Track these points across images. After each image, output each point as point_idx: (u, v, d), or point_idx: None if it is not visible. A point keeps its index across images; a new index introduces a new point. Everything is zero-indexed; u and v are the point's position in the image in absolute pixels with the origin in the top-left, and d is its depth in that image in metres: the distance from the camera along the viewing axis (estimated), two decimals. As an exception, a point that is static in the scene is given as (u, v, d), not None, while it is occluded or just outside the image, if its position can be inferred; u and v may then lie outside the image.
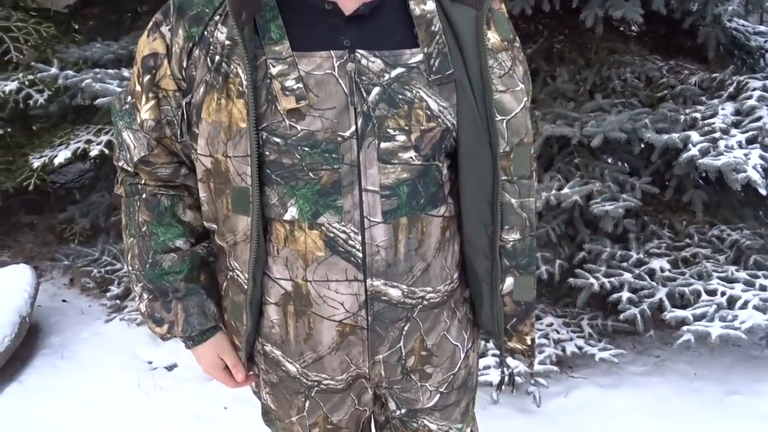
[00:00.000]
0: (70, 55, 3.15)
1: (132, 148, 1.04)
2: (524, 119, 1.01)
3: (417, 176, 0.99)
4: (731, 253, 2.56)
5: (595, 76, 2.86)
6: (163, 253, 1.07)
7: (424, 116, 0.97)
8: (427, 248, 1.03)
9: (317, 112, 0.94)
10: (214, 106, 0.95)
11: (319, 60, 0.94)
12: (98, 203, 3.39)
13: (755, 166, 2.24)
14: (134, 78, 1.03)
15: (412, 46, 0.98)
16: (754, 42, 3.73)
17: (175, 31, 0.97)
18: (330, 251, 0.98)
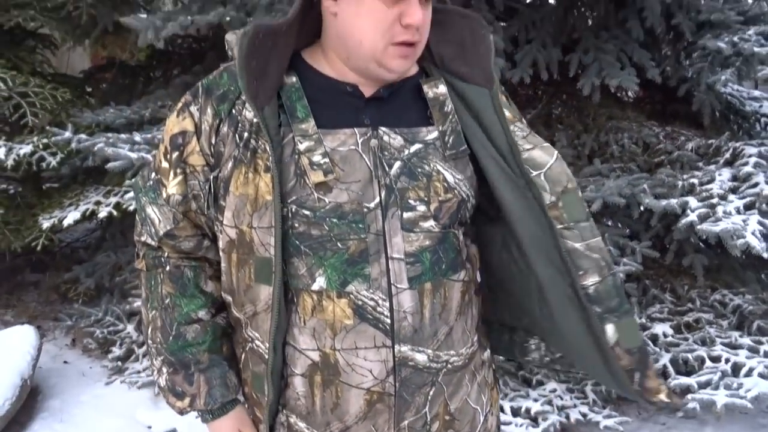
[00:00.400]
0: (84, 119, 3.24)
1: (157, 223, 1.08)
2: (562, 168, 1.04)
3: (438, 243, 1.03)
4: (734, 318, 2.57)
5: (593, 142, 2.93)
6: (187, 325, 1.09)
7: (442, 188, 1.02)
8: (449, 312, 1.05)
9: (343, 185, 0.99)
10: (242, 179, 0.99)
11: (343, 137, 1.00)
12: (104, 263, 3.42)
13: (754, 232, 2.26)
14: (160, 155, 1.07)
15: (427, 125, 1.04)
16: (749, 107, 3.82)
17: (204, 109, 1.02)
18: (359, 319, 1.00)
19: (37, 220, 3.23)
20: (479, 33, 1.07)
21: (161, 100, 3.40)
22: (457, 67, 1.06)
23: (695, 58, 2.83)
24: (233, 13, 2.90)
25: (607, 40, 2.84)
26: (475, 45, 1.06)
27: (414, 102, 1.06)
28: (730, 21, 2.86)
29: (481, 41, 1.07)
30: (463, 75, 1.05)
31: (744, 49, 2.59)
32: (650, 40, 3.04)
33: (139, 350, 2.99)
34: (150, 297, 1.11)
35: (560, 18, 2.95)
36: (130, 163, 2.71)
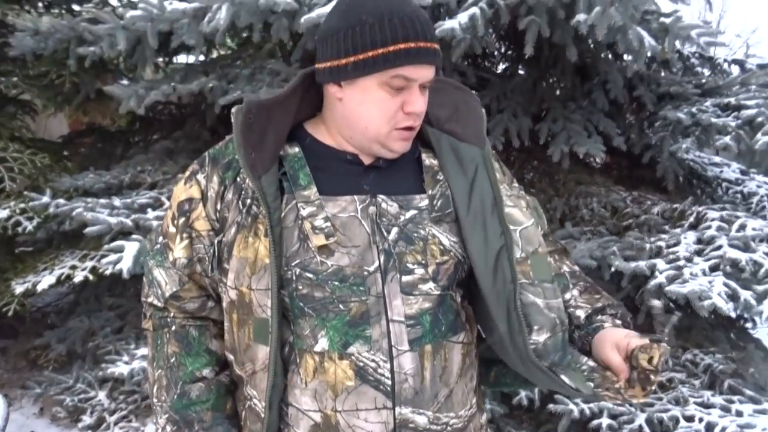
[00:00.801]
0: (62, 184, 3.26)
1: (163, 285, 1.12)
2: (535, 232, 1.11)
3: (437, 305, 1.07)
4: (705, 377, 2.62)
5: (564, 206, 3.03)
6: (191, 383, 1.12)
7: (438, 251, 1.07)
8: (450, 374, 1.08)
9: (344, 249, 1.04)
10: (243, 243, 1.04)
11: (344, 203, 1.06)
12: (76, 328, 3.37)
13: (720, 293, 2.34)
14: (167, 221, 1.13)
15: (421, 192, 1.11)
16: (711, 172, 4.00)
17: (210, 177, 1.09)
18: (360, 380, 1.03)
19: (9, 285, 3.18)
20: (471, 104, 1.16)
21: (141, 165, 3.44)
22: (451, 127, 1.13)
23: (657, 127, 2.98)
24: (215, 82, 3.00)
25: (575, 110, 2.98)
26: (468, 112, 1.15)
27: (410, 168, 1.13)
28: (688, 93, 3.04)
29: (473, 111, 1.15)
30: (458, 134, 1.13)
31: (702, 119, 2.75)
32: (615, 110, 3.20)
33: (111, 418, 2.92)
34: (156, 356, 1.15)
35: (530, 89, 3.10)
36: (108, 227, 2.72)
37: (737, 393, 2.54)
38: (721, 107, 2.86)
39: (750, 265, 2.43)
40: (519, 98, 3.01)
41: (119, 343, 3.07)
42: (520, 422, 2.76)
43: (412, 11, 1.03)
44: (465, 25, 2.14)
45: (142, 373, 2.67)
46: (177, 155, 3.57)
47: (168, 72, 3.75)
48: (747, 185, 4.00)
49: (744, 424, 2.28)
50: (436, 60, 1.04)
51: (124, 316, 3.37)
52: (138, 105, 3.03)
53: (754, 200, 3.89)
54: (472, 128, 1.14)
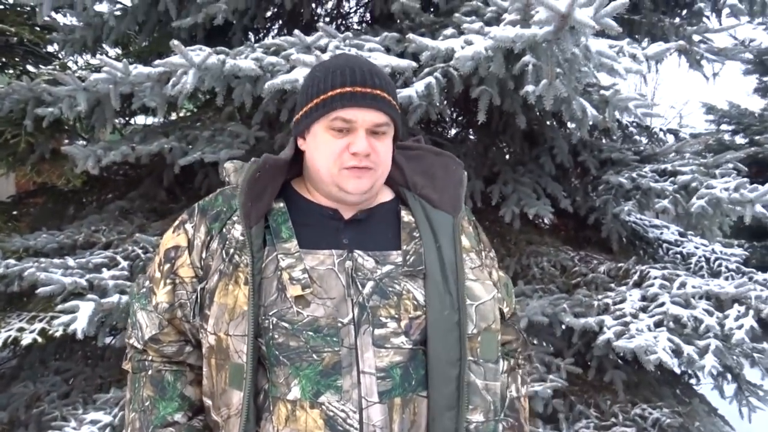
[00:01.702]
0: (12, 244, 3.20)
1: (144, 327, 1.16)
2: (492, 308, 1.16)
3: (408, 360, 1.11)
4: (654, 431, 2.69)
5: (516, 264, 3.14)
6: (162, 428, 1.13)
7: (412, 306, 1.12)
8: (418, 427, 1.11)
9: (320, 300, 1.09)
10: (224, 290, 1.09)
11: (322, 257, 1.11)
12: (20, 394, 3.23)
13: (665, 348, 2.45)
14: (154, 266, 1.18)
15: (397, 248, 1.17)
16: (652, 234, 4.22)
17: (198, 227, 1.15)
18: (329, 430, 1.05)
19: (-50, 349, 3.06)
20: (451, 168, 1.24)
21: (95, 225, 3.41)
22: (427, 193, 1.21)
23: (600, 190, 3.16)
24: (175, 144, 3.04)
25: (524, 174, 3.14)
26: (447, 177, 1.23)
27: (389, 225, 1.19)
28: (628, 159, 3.25)
29: (453, 175, 1.23)
30: (432, 201, 1.20)
31: (642, 183, 2.93)
32: (561, 174, 3.38)
33: (56, 489, 2.78)
34: (133, 399, 1.17)
35: (481, 153, 3.26)
36: (62, 287, 2.67)
37: (685, 446, 2.62)
38: (658, 173, 3.05)
39: (691, 321, 2.56)
40: (471, 162, 3.15)
41: (66, 409, 2.96)
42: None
43: (360, 64, 1.13)
44: (421, 93, 2.27)
45: (91, 439, 2.58)
46: (132, 215, 3.55)
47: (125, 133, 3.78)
48: (686, 246, 4.23)
49: (693, 476, 2.35)
50: (375, 104, 1.11)
51: (71, 380, 3.26)
52: (95, 165, 3.04)
53: (693, 260, 4.11)
54: (447, 195, 1.21)
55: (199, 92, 3.42)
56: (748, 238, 6.38)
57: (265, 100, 2.88)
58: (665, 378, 3.34)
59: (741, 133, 7.31)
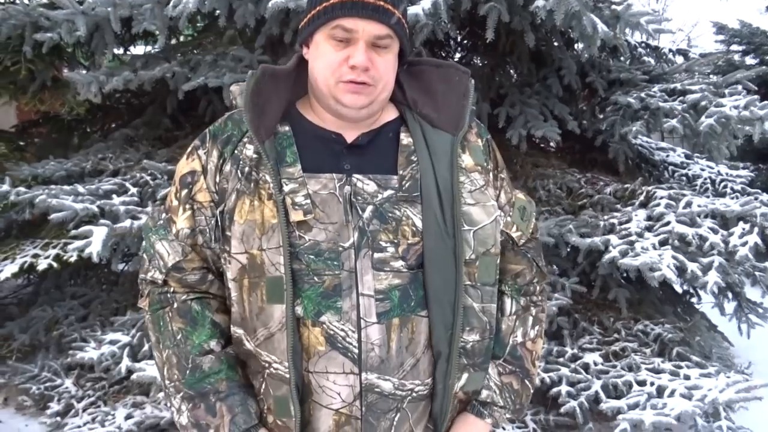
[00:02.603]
0: (21, 173, 3.21)
1: (166, 256, 1.16)
2: (493, 231, 1.15)
3: (407, 282, 1.12)
4: (656, 346, 2.78)
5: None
6: (201, 356, 1.14)
7: (410, 231, 1.12)
8: (416, 345, 1.13)
9: (322, 225, 1.10)
10: (247, 208, 1.09)
11: (324, 181, 1.11)
12: (39, 318, 3.33)
13: (669, 266, 2.50)
14: (171, 196, 1.18)
15: (396, 173, 1.15)
16: (658, 156, 4.20)
17: (210, 152, 1.15)
18: (330, 346, 1.09)
19: (-32, 276, 3.13)
20: (454, 80, 1.19)
21: (101, 152, 3.41)
22: (426, 112, 1.17)
23: (608, 111, 3.13)
24: (177, 69, 3.00)
25: (531, 96, 3.11)
26: (449, 91, 1.18)
27: (391, 148, 1.16)
28: (637, 79, 3.20)
29: (455, 87, 1.18)
30: (431, 119, 1.17)
31: (650, 103, 2.90)
32: (569, 95, 3.34)
33: (79, 405, 2.91)
34: (161, 338, 1.17)
35: (488, 75, 3.22)
36: (74, 213, 2.71)
37: (685, 359, 2.70)
38: (667, 92, 3.02)
39: (696, 239, 2.59)
40: (477, 84, 3.10)
41: (84, 331, 3.06)
42: (484, 394, 2.88)
43: None
44: (428, 11, 2.22)
45: (110, 358, 2.68)
46: (138, 143, 3.55)
47: (125, 61, 3.73)
48: (691, 168, 4.22)
49: (691, 386, 2.44)
50: (377, 15, 1.08)
51: (88, 304, 3.35)
52: (97, 92, 3.02)
53: (698, 182, 4.11)
54: (448, 112, 1.17)
55: (199, 15, 3.34)
56: (753, 161, 6.36)
57: (268, 21, 2.82)
58: (667, 296, 3.41)
59: (752, 54, 7.15)
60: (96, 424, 2.75)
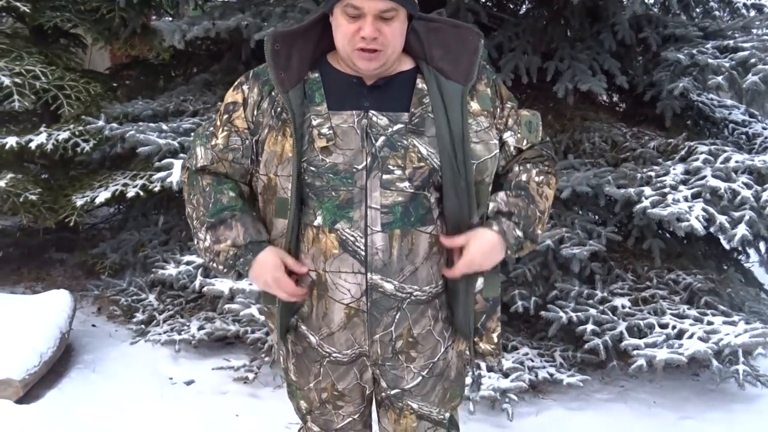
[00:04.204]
0: (113, 111, 3.62)
1: (199, 158, 1.46)
2: (491, 165, 1.39)
3: (409, 200, 1.38)
4: (685, 294, 2.91)
5: (568, 139, 3.29)
6: (222, 194, 1.42)
7: (416, 158, 1.37)
8: (415, 255, 1.39)
9: (340, 151, 1.36)
10: (273, 140, 1.38)
11: (345, 116, 1.37)
12: (128, 240, 3.78)
13: (698, 217, 2.62)
14: (218, 116, 1.46)
15: (409, 111, 1.39)
16: (719, 114, 4.18)
17: (252, 88, 1.41)
18: (342, 249, 1.37)
19: (69, 200, 3.60)
20: (468, 39, 1.40)
21: (183, 95, 3.77)
22: (441, 65, 1.39)
23: (659, 67, 3.19)
24: (250, 19, 3.28)
25: (581, 50, 3.20)
26: (462, 49, 1.39)
27: (405, 90, 1.40)
28: (691, 36, 3.23)
29: (468, 46, 1.39)
30: (445, 72, 1.39)
31: (699, 60, 2.95)
32: (623, 51, 3.40)
33: (160, 316, 3.35)
34: (192, 191, 1.45)
35: (541, 29, 3.32)
36: (158, 148, 3.08)
37: (711, 308, 2.83)
38: (719, 49, 3.05)
39: (728, 193, 2.69)
40: (530, 38, 3.24)
41: (166, 254, 3.47)
42: (517, 330, 3.11)
43: None
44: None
45: (186, 277, 3.07)
46: (215, 87, 3.88)
47: (207, 9, 4.04)
48: (753, 127, 4.18)
49: (710, 330, 2.59)
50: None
51: (169, 231, 3.76)
52: (181, 39, 3.34)
53: (758, 141, 4.08)
54: (461, 66, 1.38)
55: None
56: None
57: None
58: (711, 252, 3.49)
59: None
60: (174, 333, 3.18)
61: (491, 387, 2.57)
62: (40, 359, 2.76)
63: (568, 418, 2.71)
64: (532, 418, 2.70)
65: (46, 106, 3.83)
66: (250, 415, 2.65)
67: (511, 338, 3.00)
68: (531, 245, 1.44)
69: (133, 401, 2.74)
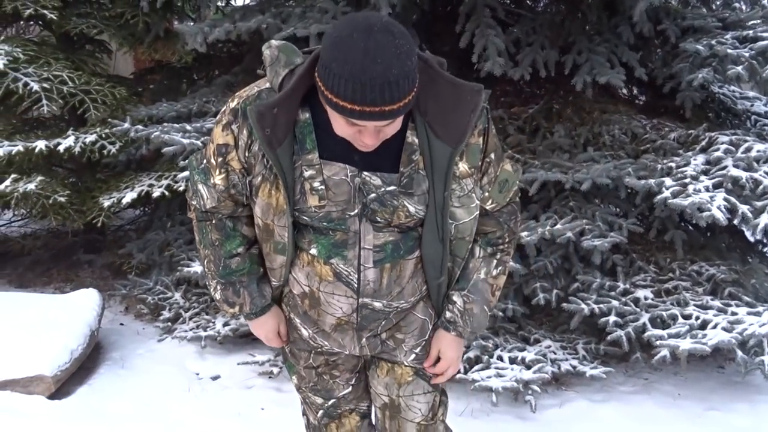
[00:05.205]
0: (139, 114, 3.70)
1: (205, 199, 1.46)
2: (471, 226, 1.43)
3: (400, 239, 1.43)
4: (708, 285, 2.90)
5: (588, 132, 3.29)
6: (230, 258, 1.49)
7: (404, 215, 1.39)
8: (402, 278, 1.46)
9: (333, 203, 1.37)
10: (267, 192, 1.38)
11: (337, 169, 1.36)
12: (154, 240, 3.86)
13: (720, 207, 2.61)
14: (210, 152, 1.42)
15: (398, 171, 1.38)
16: (741, 106, 4.15)
17: (241, 129, 1.36)
18: (336, 279, 1.43)
19: (97, 202, 3.68)
20: (466, 99, 1.33)
21: (206, 96, 3.84)
22: (434, 123, 1.34)
23: (678, 59, 3.18)
24: (270, 20, 3.33)
25: (599, 43, 3.20)
26: (457, 110, 1.33)
27: (396, 145, 1.35)
28: (710, 27, 3.21)
29: (466, 106, 1.33)
30: (436, 131, 1.34)
31: (718, 50, 2.94)
32: (641, 43, 3.40)
33: (186, 314, 3.41)
34: (202, 240, 1.51)
35: (558, 24, 3.33)
36: (182, 147, 3.15)
37: (736, 299, 2.82)
38: (739, 40, 3.03)
39: (750, 182, 2.67)
40: (547, 32, 3.24)
41: (191, 253, 3.53)
42: (539, 323, 3.12)
43: (374, 77, 1.14)
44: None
45: (212, 274, 3.12)
46: (236, 88, 3.93)
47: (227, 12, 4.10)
48: (777, 118, 4.14)
49: (734, 320, 2.58)
50: (383, 118, 1.19)
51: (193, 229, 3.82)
52: (203, 42, 3.40)
53: (781, 133, 4.04)
54: (453, 127, 1.33)
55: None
56: None
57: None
58: (735, 244, 3.46)
59: None
60: (199, 329, 3.24)
61: (514, 378, 2.58)
62: (71, 356, 2.83)
63: (591, 410, 2.71)
64: (556, 409, 2.71)
65: (73, 111, 3.93)
66: (275, 408, 2.69)
67: (533, 331, 3.01)
68: None
69: (161, 396, 2.79)
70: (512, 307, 2.93)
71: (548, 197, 3.11)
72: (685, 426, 2.61)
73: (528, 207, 3.07)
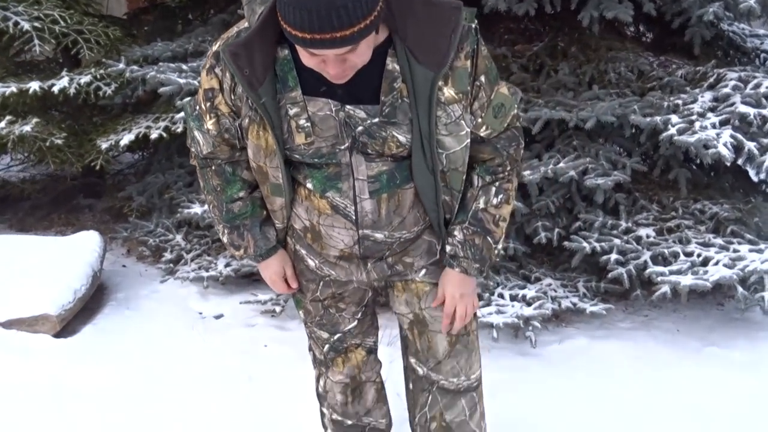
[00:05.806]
0: (133, 54, 3.62)
1: (201, 145, 1.45)
2: (462, 154, 1.37)
3: (394, 168, 1.39)
4: (711, 224, 2.89)
5: (593, 70, 3.21)
6: (232, 203, 1.50)
7: (395, 145, 1.36)
8: (402, 208, 1.44)
9: (321, 139, 1.35)
10: (256, 133, 1.36)
11: (321, 104, 1.32)
12: (153, 183, 3.83)
13: (726, 144, 2.57)
14: (200, 98, 1.40)
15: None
16: (750, 44, 4.05)
17: (224, 72, 1.32)
18: (334, 211, 1.43)
19: (94, 144, 3.64)
20: (444, 17, 1.26)
21: (201, 36, 3.76)
22: (414, 48, 1.26)
23: (688, -7, 3.08)
24: (267, -45, 3.22)
25: (607, -24, 3.10)
26: (436, 30, 1.26)
27: (377, 73, 1.29)
28: (722, -41, 3.10)
29: (445, 25, 1.25)
30: (417, 56, 1.27)
31: (730, -17, 2.85)
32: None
33: (187, 255, 3.41)
34: (206, 186, 1.52)
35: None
36: (179, 87, 3.09)
37: (738, 237, 2.81)
38: (752, -28, 2.93)
39: (758, 119, 2.63)
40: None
41: (191, 195, 3.52)
42: (540, 262, 3.12)
43: (320, 2, 1.09)
44: None
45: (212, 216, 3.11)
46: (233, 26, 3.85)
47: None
48: (787, 56, 4.04)
49: (735, 257, 2.57)
50: (335, 45, 1.13)
51: (193, 172, 3.79)
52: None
53: (791, 71, 3.95)
54: (433, 51, 1.26)
55: None
56: None
57: None
58: (739, 184, 3.43)
59: None
60: (201, 270, 3.25)
61: (514, 315, 2.60)
62: (74, 295, 2.85)
63: (591, 346, 2.74)
64: (555, 345, 2.74)
65: (66, 52, 3.84)
66: (277, 345, 2.72)
67: (534, 270, 3.01)
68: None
69: (165, 334, 2.83)
70: (513, 245, 2.93)
71: (551, 136, 3.07)
72: (684, 362, 2.64)
73: (531, 146, 3.02)
